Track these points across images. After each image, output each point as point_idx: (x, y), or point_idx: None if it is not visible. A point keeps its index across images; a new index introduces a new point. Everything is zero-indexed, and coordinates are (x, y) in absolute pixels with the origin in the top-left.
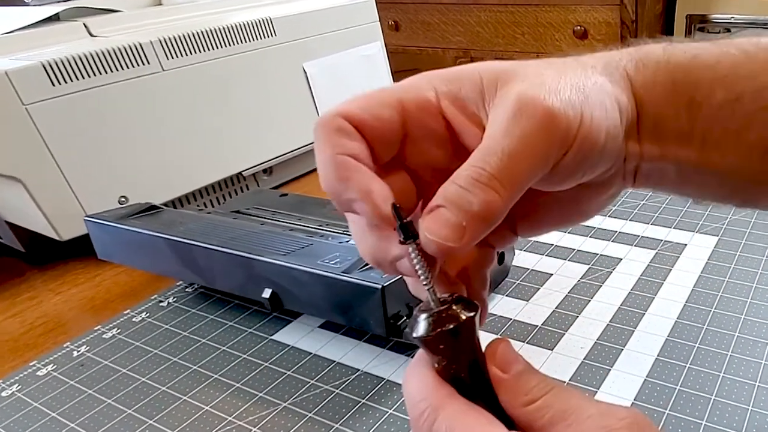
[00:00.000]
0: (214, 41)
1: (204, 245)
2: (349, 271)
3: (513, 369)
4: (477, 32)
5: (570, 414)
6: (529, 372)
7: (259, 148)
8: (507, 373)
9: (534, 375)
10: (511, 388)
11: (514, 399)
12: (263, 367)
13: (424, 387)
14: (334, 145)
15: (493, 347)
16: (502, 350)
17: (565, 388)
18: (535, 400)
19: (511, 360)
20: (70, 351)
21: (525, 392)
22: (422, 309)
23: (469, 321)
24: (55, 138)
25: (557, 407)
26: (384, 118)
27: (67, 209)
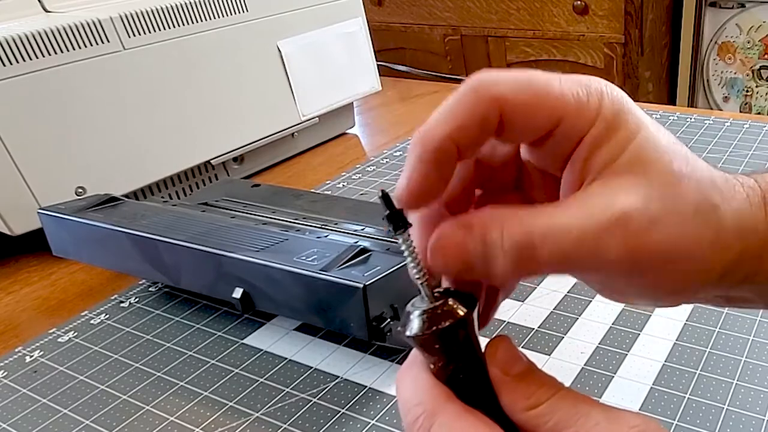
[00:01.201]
0: (180, 18)
1: (169, 240)
2: (327, 268)
3: (515, 369)
4: (467, 7)
5: (576, 420)
6: (533, 373)
7: (229, 134)
8: (508, 374)
9: (538, 376)
10: (513, 390)
11: (515, 403)
12: (233, 374)
13: (419, 390)
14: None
15: (494, 346)
16: (503, 349)
17: (572, 391)
18: (539, 404)
19: (513, 360)
20: (22, 356)
21: (527, 395)
22: (415, 305)
23: (467, 318)
24: (6, 123)
25: (562, 412)
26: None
27: (19, 201)
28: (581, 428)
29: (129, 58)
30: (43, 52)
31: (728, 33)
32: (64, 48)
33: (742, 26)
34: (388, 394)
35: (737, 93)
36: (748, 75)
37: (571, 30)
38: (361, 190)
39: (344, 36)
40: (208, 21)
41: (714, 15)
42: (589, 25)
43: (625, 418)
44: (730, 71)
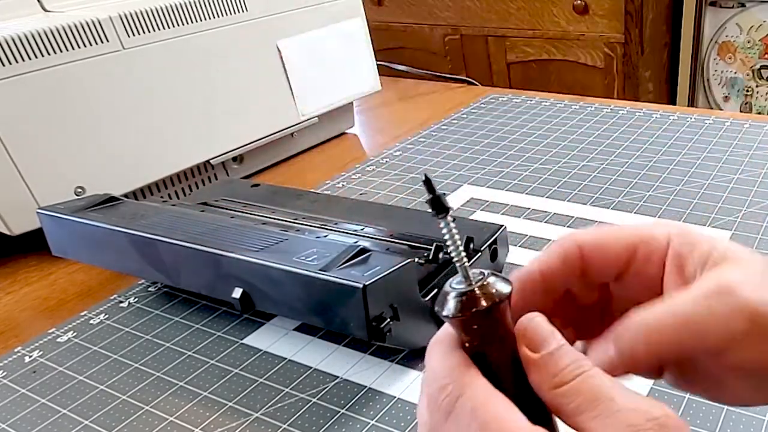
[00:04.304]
0: (179, 17)
1: (168, 240)
2: (327, 268)
3: (544, 348)
4: (467, 7)
5: (598, 405)
6: (560, 352)
7: (229, 133)
8: (537, 352)
9: (565, 356)
10: (540, 369)
11: (542, 381)
12: (233, 374)
13: (450, 364)
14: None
15: (524, 324)
16: (532, 328)
17: (598, 374)
18: (563, 383)
19: (542, 338)
20: (21, 356)
21: (553, 374)
22: (453, 285)
23: (504, 300)
24: (5, 123)
25: (585, 395)
26: (614, 256)
27: (18, 201)
28: (601, 413)
29: (128, 58)
30: (42, 51)
31: (728, 32)
32: (63, 48)
33: (742, 26)
34: (387, 394)
35: (737, 92)
36: (749, 74)
37: (572, 29)
38: (360, 189)
39: (344, 35)
40: (207, 21)
41: (714, 14)
42: (589, 25)
43: (647, 410)
44: (730, 71)
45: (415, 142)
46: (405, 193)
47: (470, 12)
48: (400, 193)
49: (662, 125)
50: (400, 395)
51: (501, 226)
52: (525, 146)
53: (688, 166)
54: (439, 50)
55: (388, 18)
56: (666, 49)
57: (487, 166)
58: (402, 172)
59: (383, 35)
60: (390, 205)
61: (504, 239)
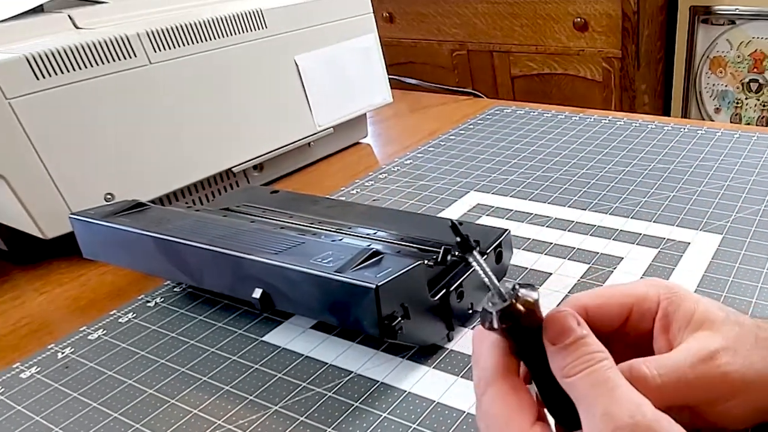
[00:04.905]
0: (203, 34)
1: (192, 244)
2: (342, 270)
3: (561, 341)
4: (474, 24)
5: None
6: (577, 345)
7: (250, 143)
8: (555, 344)
9: (581, 349)
10: (556, 359)
11: (557, 369)
12: (253, 370)
13: (489, 359)
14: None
15: (549, 319)
16: (553, 323)
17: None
18: (571, 375)
19: (561, 332)
20: (54, 352)
21: (562, 366)
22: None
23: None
24: (39, 133)
25: (581, 391)
26: (613, 315)
27: (51, 207)
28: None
29: (155, 72)
30: (75, 66)
31: (719, 48)
32: (94, 62)
33: (732, 42)
34: (399, 389)
35: (728, 104)
36: (738, 87)
37: (572, 45)
38: (373, 196)
39: (358, 51)
40: (229, 37)
41: (706, 31)
42: (589, 41)
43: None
44: (721, 84)
45: (424, 151)
46: (415, 200)
47: (476, 29)
48: (411, 200)
49: (657, 135)
50: (411, 389)
51: (505, 230)
52: (528, 155)
53: (682, 174)
54: (447, 65)
55: (400, 34)
56: (660, 63)
57: (492, 174)
58: (412, 180)
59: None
60: (401, 211)
61: (508, 242)
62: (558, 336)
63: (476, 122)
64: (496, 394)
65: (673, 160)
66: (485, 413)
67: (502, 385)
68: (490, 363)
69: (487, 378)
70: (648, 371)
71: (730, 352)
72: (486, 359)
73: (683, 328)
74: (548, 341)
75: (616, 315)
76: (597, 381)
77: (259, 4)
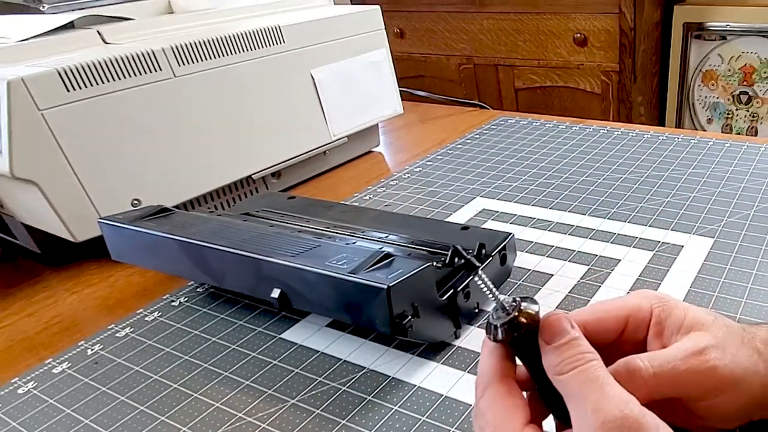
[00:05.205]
0: (224, 48)
1: (214, 246)
2: (355, 271)
3: (554, 341)
4: (480, 40)
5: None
6: (569, 345)
7: (268, 152)
8: (549, 344)
9: (567, 350)
10: (549, 357)
11: (550, 367)
12: (272, 365)
13: (489, 364)
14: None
15: (545, 321)
16: (548, 324)
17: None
18: (561, 373)
19: (555, 333)
20: (84, 349)
21: (555, 364)
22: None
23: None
24: (70, 142)
25: (572, 388)
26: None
27: (81, 211)
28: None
29: (179, 85)
30: (103, 79)
31: (711, 62)
32: (121, 76)
33: (723, 56)
34: (409, 383)
35: (719, 115)
36: (729, 99)
37: (572, 59)
38: (385, 201)
39: (370, 65)
40: (249, 51)
41: (699, 46)
42: (588, 56)
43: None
44: (712, 96)
45: (433, 159)
46: (424, 205)
47: (482, 44)
48: (420, 205)
49: (652, 144)
50: (420, 384)
51: (509, 233)
52: (531, 163)
53: (676, 181)
54: (454, 78)
55: (410, 49)
56: (656, 76)
57: (497, 181)
58: (422, 186)
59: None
60: (411, 216)
61: (512, 245)
62: (552, 336)
63: (482, 132)
64: (491, 396)
65: (667, 168)
66: (482, 414)
67: (498, 389)
68: (487, 368)
69: (485, 382)
70: (642, 364)
71: (719, 349)
72: (484, 364)
73: (675, 332)
74: (543, 341)
75: (612, 328)
76: (588, 378)
77: (277, 20)
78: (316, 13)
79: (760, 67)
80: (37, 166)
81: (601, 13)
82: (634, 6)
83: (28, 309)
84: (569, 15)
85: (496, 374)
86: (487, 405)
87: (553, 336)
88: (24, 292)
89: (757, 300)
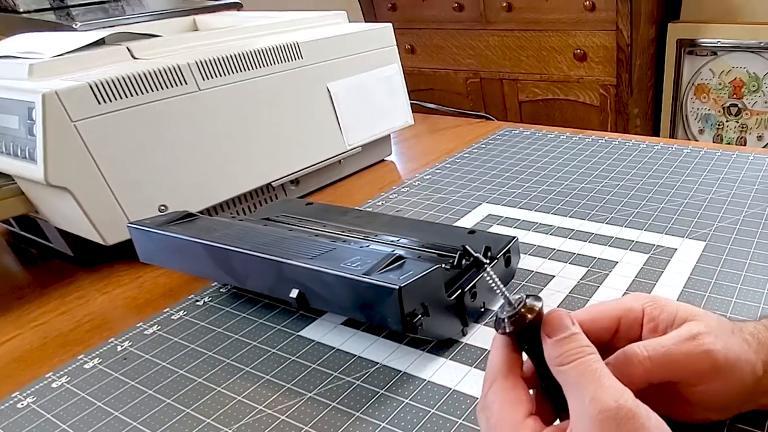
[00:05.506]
0: (246, 63)
1: (237, 249)
2: (369, 273)
3: (555, 335)
4: (486, 55)
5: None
6: (569, 339)
7: (287, 160)
8: (550, 337)
9: (572, 343)
10: (551, 350)
11: (550, 359)
12: (290, 361)
13: (497, 357)
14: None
15: (547, 317)
16: (551, 320)
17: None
18: (561, 365)
19: (556, 327)
20: (114, 346)
21: (556, 356)
22: (503, 310)
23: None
24: (101, 152)
25: (572, 379)
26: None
27: (111, 216)
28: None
29: (203, 98)
30: (132, 92)
31: (703, 76)
32: (149, 89)
33: (714, 71)
34: (419, 378)
35: (710, 126)
36: (720, 111)
37: (572, 74)
38: (397, 207)
39: (383, 79)
40: (269, 66)
41: (691, 61)
42: (587, 70)
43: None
44: (704, 108)
45: (442, 167)
46: (433, 210)
47: (488, 59)
48: (430, 210)
49: (648, 154)
50: (430, 378)
51: (513, 237)
52: (534, 171)
53: (670, 188)
54: (461, 91)
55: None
56: (651, 90)
57: (502, 188)
58: (431, 193)
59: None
60: (421, 220)
61: (516, 248)
62: (554, 331)
63: (488, 142)
64: (497, 390)
65: (661, 176)
66: (488, 406)
67: (502, 383)
68: (495, 364)
69: (492, 377)
70: (638, 349)
71: (712, 335)
72: (492, 360)
73: (669, 326)
74: (546, 335)
75: (606, 327)
76: (586, 370)
77: (296, 37)
78: (333, 31)
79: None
80: (70, 174)
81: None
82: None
83: (61, 308)
84: (569, 32)
85: (503, 370)
86: (494, 398)
87: (554, 330)
88: (58, 292)
89: (746, 300)
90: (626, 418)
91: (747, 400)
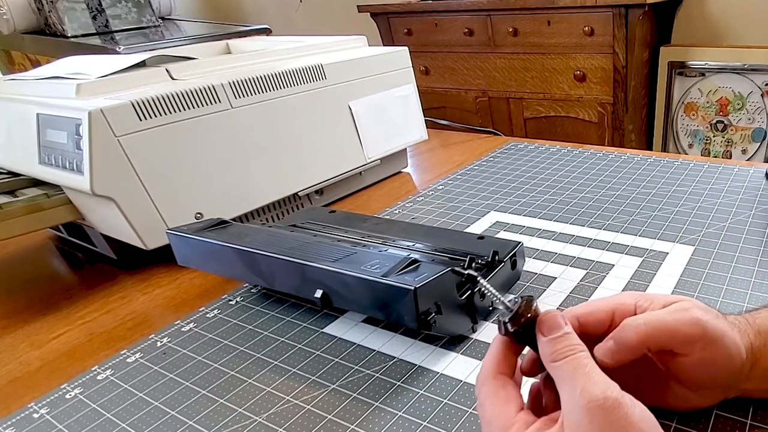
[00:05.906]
0: (274, 84)
1: (266, 253)
2: (387, 275)
3: (549, 334)
4: (494, 76)
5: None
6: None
7: (312, 172)
8: (544, 336)
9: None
10: (544, 347)
11: (544, 356)
12: (315, 355)
13: (490, 359)
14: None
15: (542, 317)
16: (546, 320)
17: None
18: (554, 361)
19: (550, 327)
20: (154, 342)
21: (550, 353)
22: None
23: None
24: (142, 164)
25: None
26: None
27: (152, 223)
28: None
29: (236, 115)
30: (171, 110)
31: (692, 95)
32: (186, 107)
33: (702, 90)
34: (433, 371)
35: (699, 141)
36: (707, 127)
37: (573, 93)
38: (412, 215)
39: (400, 98)
40: (296, 86)
41: (681, 81)
42: (586, 90)
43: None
44: (693, 125)
45: (453, 179)
46: (446, 218)
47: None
48: (443, 218)
49: (641, 166)
50: (443, 371)
51: (519, 242)
52: (538, 182)
53: (662, 197)
54: (471, 109)
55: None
56: (644, 108)
57: (509, 197)
58: (444, 202)
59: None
60: (434, 227)
61: (521, 253)
62: (549, 330)
63: (495, 155)
64: (487, 390)
65: (654, 186)
66: (481, 405)
67: (493, 383)
68: (486, 366)
69: (483, 378)
70: (633, 319)
71: (701, 311)
72: (483, 363)
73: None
74: (540, 334)
75: (602, 320)
76: (578, 365)
77: (320, 60)
78: (354, 54)
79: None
80: (113, 185)
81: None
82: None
83: (106, 307)
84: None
85: (491, 371)
86: (484, 397)
87: (549, 330)
88: (102, 292)
89: (731, 300)
90: (612, 407)
91: (732, 384)
